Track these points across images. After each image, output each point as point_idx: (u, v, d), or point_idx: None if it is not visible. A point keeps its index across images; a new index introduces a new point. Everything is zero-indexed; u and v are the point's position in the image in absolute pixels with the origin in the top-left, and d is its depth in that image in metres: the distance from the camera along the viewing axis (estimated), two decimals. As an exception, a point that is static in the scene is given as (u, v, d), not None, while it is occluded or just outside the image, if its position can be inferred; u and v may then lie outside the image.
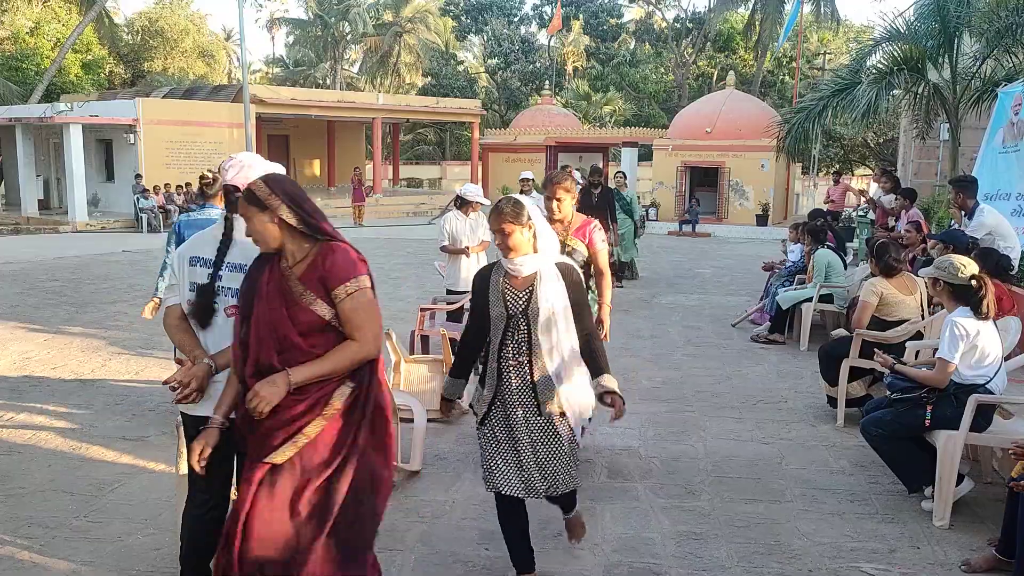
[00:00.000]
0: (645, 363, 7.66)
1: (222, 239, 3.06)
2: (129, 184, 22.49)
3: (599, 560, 3.86)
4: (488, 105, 41.51)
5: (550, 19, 39.44)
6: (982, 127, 10.38)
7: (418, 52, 44.90)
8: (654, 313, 10.20)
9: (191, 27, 43.24)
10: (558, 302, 3.27)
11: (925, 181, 15.04)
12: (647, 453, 5.27)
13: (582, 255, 4.62)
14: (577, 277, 3.40)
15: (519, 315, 3.29)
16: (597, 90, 40.55)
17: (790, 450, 5.35)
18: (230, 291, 3.01)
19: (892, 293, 5.78)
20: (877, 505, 4.50)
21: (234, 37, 50.42)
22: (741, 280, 12.96)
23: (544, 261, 3.31)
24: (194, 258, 3.07)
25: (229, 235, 3.06)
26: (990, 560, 3.75)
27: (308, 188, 30.18)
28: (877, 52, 12.37)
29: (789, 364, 7.66)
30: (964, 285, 4.29)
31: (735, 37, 40.59)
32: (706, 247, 18.78)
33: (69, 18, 35.26)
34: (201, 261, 3.05)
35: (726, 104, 23.72)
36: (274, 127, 29.79)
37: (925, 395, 4.37)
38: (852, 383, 5.86)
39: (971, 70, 11.04)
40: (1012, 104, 8.98)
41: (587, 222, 4.76)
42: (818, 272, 8.34)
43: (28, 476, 4.74)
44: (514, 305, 3.30)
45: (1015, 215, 8.20)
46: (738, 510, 4.42)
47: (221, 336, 3.01)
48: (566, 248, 4.50)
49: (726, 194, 23.20)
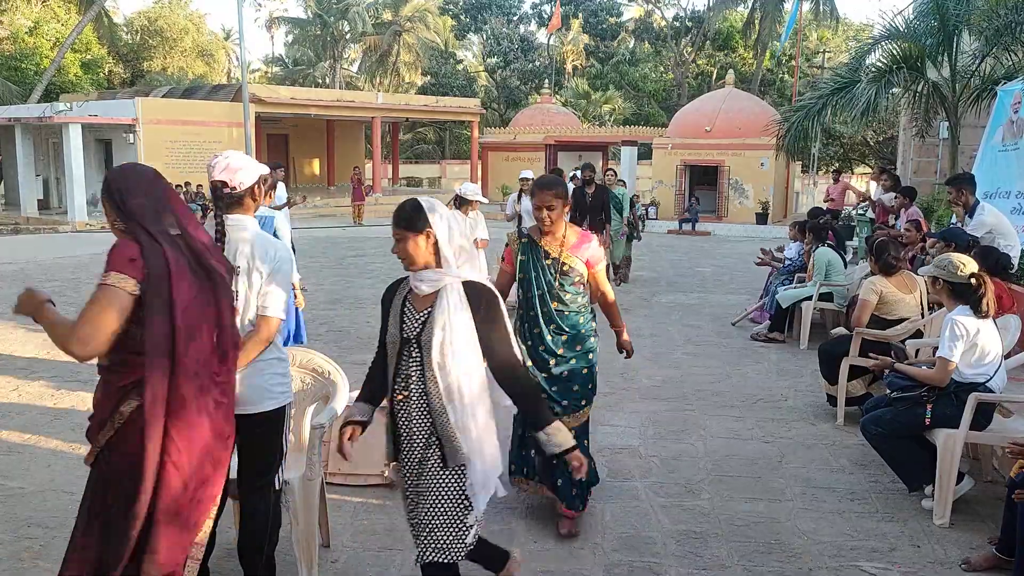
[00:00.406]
0: (645, 362, 7.65)
1: (216, 240, 3.00)
2: (129, 184, 22.46)
3: (599, 559, 3.86)
4: (487, 104, 41.52)
5: (549, 18, 39.44)
6: (981, 125, 10.37)
7: (417, 51, 44.90)
8: (654, 312, 10.19)
9: (190, 26, 43.28)
10: (458, 330, 2.68)
11: (924, 179, 15.04)
12: (647, 452, 5.27)
13: (580, 275, 4.04)
14: (492, 300, 2.78)
15: (412, 340, 2.75)
16: (596, 89, 40.56)
17: (790, 449, 5.35)
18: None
19: (892, 292, 5.78)
20: (877, 504, 4.50)
21: (233, 36, 50.43)
22: (741, 279, 12.96)
23: (450, 278, 2.73)
24: None
25: (222, 236, 3.02)
26: (990, 559, 3.75)
27: (308, 187, 30.24)
28: (876, 50, 12.36)
29: (789, 363, 7.66)
30: (963, 283, 4.29)
31: (734, 36, 40.59)
32: (706, 246, 18.78)
33: (68, 18, 35.27)
34: None
35: (725, 103, 23.71)
36: (273, 126, 29.80)
37: (925, 394, 4.37)
38: (852, 381, 5.86)
39: (970, 68, 11.02)
40: (1012, 102, 8.97)
41: (584, 237, 4.10)
42: (818, 270, 8.33)
43: (28, 476, 4.74)
44: (409, 328, 2.76)
45: (1015, 213, 8.19)
46: (738, 509, 4.42)
47: None
48: (562, 266, 3.99)
49: (726, 192, 23.19)
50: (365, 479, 4.56)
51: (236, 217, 3.08)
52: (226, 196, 3.06)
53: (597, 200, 10.04)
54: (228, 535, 3.49)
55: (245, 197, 3.11)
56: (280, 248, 3.12)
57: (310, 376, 3.85)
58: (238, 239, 3.03)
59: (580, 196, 9.92)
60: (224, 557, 3.61)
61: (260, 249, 3.05)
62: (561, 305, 4.02)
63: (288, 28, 49.74)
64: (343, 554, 3.87)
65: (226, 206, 3.07)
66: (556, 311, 4.02)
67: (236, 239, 3.03)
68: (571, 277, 4.01)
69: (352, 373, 3.92)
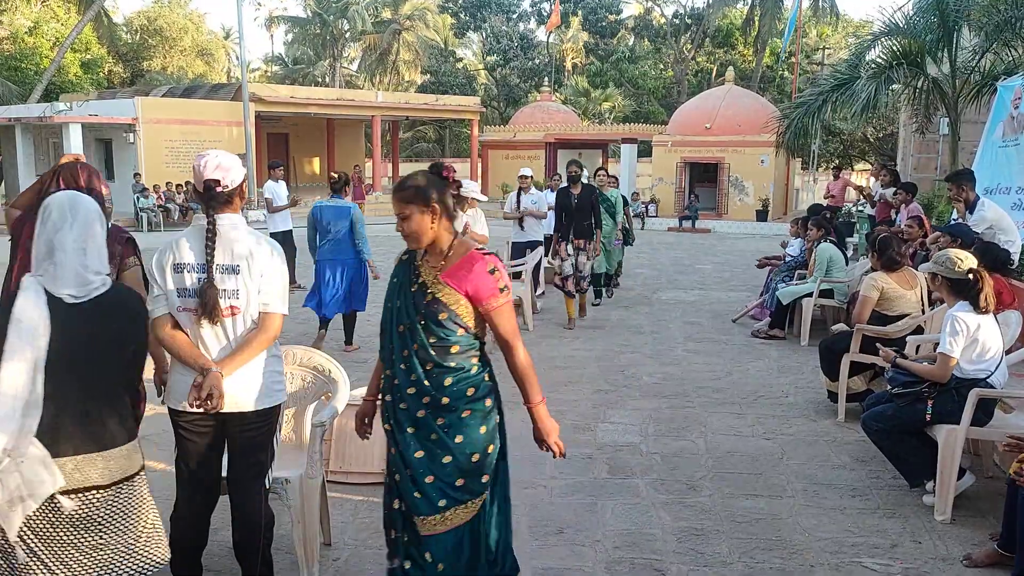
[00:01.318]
0: (646, 359, 7.66)
1: (208, 240, 2.95)
2: (129, 183, 22.48)
3: (600, 556, 3.86)
4: (487, 102, 41.49)
5: (548, 15, 39.41)
6: (982, 121, 10.36)
7: (417, 49, 44.86)
8: (654, 309, 10.19)
9: (190, 26, 43.27)
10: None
11: (925, 176, 15.02)
12: (648, 449, 5.27)
13: (457, 314, 2.78)
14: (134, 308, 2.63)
15: None
16: (596, 86, 40.53)
17: (791, 445, 5.35)
18: (225, 293, 2.96)
19: (893, 288, 5.78)
20: (878, 500, 4.50)
21: (233, 35, 50.42)
22: (741, 276, 12.96)
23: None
24: (179, 265, 2.98)
25: (214, 235, 2.97)
26: (991, 554, 3.75)
27: (308, 186, 30.21)
28: (876, 47, 12.37)
29: (790, 359, 7.66)
30: (962, 279, 4.29)
31: (734, 33, 40.53)
32: (706, 243, 18.78)
33: (68, 17, 35.23)
34: (188, 267, 2.97)
35: (725, 100, 23.70)
36: (273, 125, 29.78)
37: (926, 390, 4.37)
38: (853, 378, 5.86)
39: (970, 64, 11.02)
40: (1012, 98, 8.97)
41: (473, 259, 2.81)
42: (819, 265, 8.32)
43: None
44: None
45: (1015, 209, 8.19)
46: (739, 505, 4.42)
47: (220, 336, 3.00)
48: (427, 297, 2.80)
49: (726, 190, 23.19)
50: (366, 477, 4.56)
51: (227, 216, 3.03)
52: (218, 195, 3.02)
53: (584, 201, 8.86)
54: (224, 534, 3.48)
55: (234, 196, 3.07)
56: (273, 244, 3.09)
57: (311, 374, 3.84)
58: (232, 238, 3.00)
59: (565, 197, 8.96)
60: (222, 556, 3.61)
61: (255, 247, 3.02)
62: (424, 354, 2.80)
63: (288, 27, 49.71)
64: (344, 552, 3.87)
65: (218, 205, 3.02)
66: (418, 360, 2.81)
67: (230, 238, 3.00)
68: (436, 313, 2.78)
69: (352, 371, 3.93)
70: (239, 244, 3.00)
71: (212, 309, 2.93)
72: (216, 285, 2.93)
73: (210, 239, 2.96)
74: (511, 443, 3.07)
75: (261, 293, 3.02)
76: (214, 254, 2.95)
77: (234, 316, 2.99)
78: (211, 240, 2.95)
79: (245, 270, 2.99)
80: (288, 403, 3.74)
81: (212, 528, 3.26)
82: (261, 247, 3.04)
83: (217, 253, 2.96)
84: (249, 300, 3.00)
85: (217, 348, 3.00)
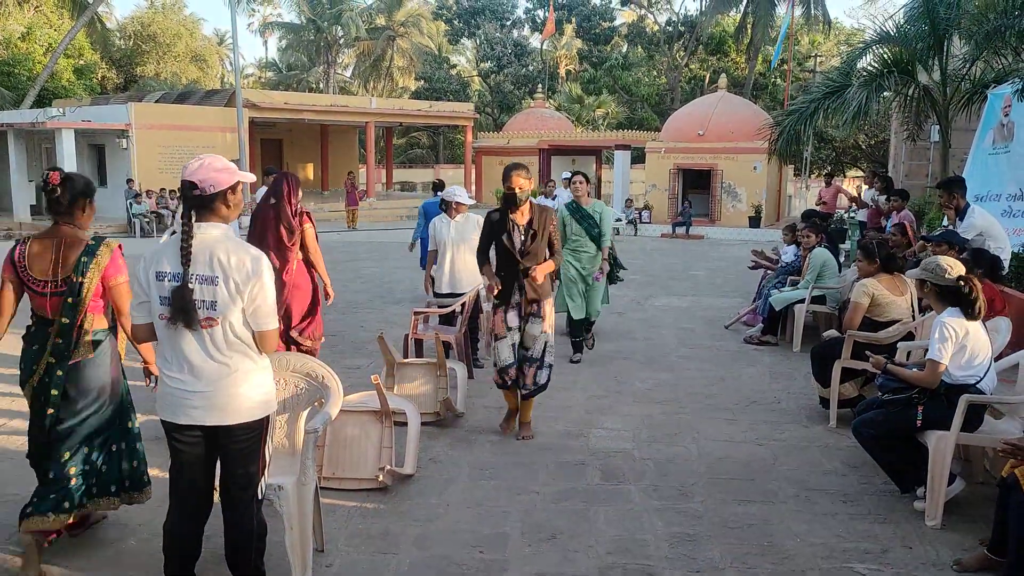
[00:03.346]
0: (638, 365, 7.67)
1: (182, 245, 2.86)
2: (122, 189, 22.44)
3: (593, 561, 3.87)
4: (481, 108, 41.52)
5: (542, 23, 39.46)
6: (972, 129, 10.44)
7: (411, 56, 44.97)
8: (647, 315, 10.22)
9: (183, 31, 43.22)
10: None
11: (916, 183, 15.12)
12: (640, 455, 5.28)
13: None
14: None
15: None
16: (590, 93, 40.63)
17: (783, 451, 5.37)
18: (203, 304, 2.88)
19: (883, 294, 5.81)
20: (869, 505, 4.52)
21: (227, 41, 50.40)
22: (734, 282, 13.00)
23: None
24: (160, 273, 2.92)
25: (188, 241, 2.86)
26: (982, 559, 3.78)
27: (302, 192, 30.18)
28: (867, 54, 12.42)
29: (782, 365, 7.69)
30: (951, 287, 4.32)
31: (727, 40, 40.66)
32: (699, 249, 18.83)
33: (61, 23, 35.19)
34: (168, 276, 2.90)
35: (718, 107, 23.79)
36: (267, 131, 29.78)
37: (916, 396, 4.39)
38: (844, 384, 5.89)
39: (961, 72, 11.09)
40: (1002, 105, 9.04)
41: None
42: (812, 269, 8.34)
43: (22, 482, 4.72)
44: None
45: (1005, 216, 8.25)
46: (731, 511, 4.43)
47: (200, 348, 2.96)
48: None
49: (719, 196, 23.27)
50: (359, 483, 4.56)
51: (209, 224, 2.94)
52: (193, 198, 2.91)
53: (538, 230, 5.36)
54: (216, 542, 3.48)
55: (216, 202, 2.95)
56: (253, 253, 2.96)
57: (304, 381, 3.84)
58: (210, 247, 2.89)
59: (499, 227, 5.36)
60: (214, 563, 3.60)
61: (235, 256, 2.91)
62: None
63: (281, 33, 49.74)
64: (337, 558, 3.87)
65: (195, 209, 2.92)
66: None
67: (208, 247, 2.89)
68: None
69: (346, 378, 3.93)
70: (219, 254, 2.90)
71: (187, 314, 2.85)
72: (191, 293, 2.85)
73: (184, 244, 2.87)
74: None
75: (251, 312, 2.95)
76: (189, 260, 2.86)
77: (211, 328, 2.91)
78: (186, 245, 2.86)
79: (223, 282, 2.89)
80: (281, 409, 3.75)
81: (204, 536, 3.26)
82: (243, 258, 2.92)
83: (194, 262, 2.87)
84: (229, 309, 2.91)
85: (198, 360, 2.94)
